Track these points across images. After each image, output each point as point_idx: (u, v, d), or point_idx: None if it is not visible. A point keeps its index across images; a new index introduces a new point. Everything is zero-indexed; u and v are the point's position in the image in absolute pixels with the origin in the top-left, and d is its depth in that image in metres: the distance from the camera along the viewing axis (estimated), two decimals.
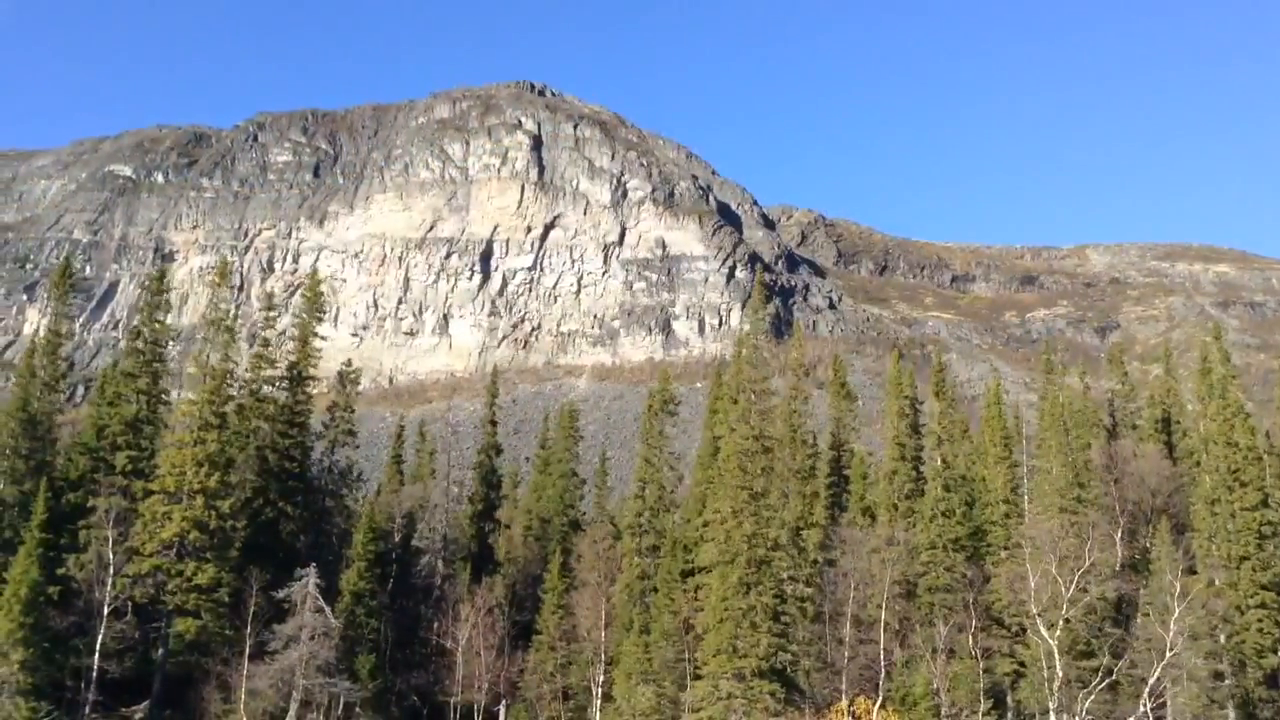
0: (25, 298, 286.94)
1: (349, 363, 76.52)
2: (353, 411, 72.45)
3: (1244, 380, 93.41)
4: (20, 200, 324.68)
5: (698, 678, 57.48)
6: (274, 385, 69.85)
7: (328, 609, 57.63)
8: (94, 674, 53.28)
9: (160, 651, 56.46)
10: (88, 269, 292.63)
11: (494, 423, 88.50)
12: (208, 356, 61.02)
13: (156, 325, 63.06)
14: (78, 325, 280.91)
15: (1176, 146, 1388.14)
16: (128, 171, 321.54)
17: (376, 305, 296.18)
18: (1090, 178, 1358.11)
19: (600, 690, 68.18)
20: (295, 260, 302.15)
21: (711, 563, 58.89)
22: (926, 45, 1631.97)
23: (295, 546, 66.23)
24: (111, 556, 54.50)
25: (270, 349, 70.79)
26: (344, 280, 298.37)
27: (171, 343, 69.24)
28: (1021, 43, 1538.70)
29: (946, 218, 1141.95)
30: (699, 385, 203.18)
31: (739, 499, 57.46)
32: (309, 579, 57.08)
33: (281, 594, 57.35)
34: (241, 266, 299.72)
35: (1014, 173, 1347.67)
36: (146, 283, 65.73)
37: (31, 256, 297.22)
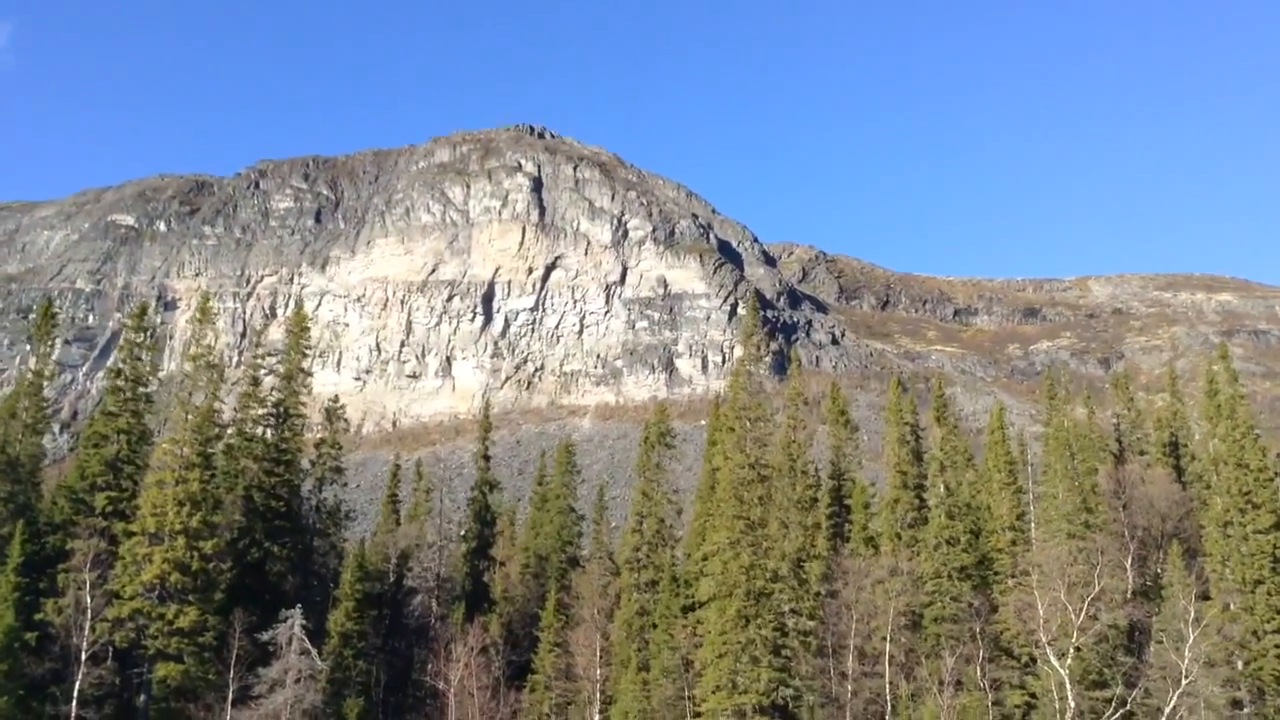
0: (28, 348, 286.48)
1: (336, 399, 75.35)
2: (339, 448, 71.20)
3: (1249, 408, 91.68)
4: (23, 251, 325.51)
5: (697, 715, 55.77)
6: (262, 425, 68.71)
7: (313, 651, 56.07)
8: None
9: (142, 698, 54.92)
10: (90, 318, 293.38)
11: (487, 457, 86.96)
12: (190, 394, 59.77)
13: (138, 363, 61.90)
14: (81, 374, 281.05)
15: (1177, 176, 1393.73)
16: (130, 221, 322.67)
17: (379, 349, 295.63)
18: (1090, 209, 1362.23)
19: None
20: (298, 306, 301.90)
21: (710, 596, 57.33)
22: (924, 81, 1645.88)
23: (282, 588, 64.75)
24: (90, 600, 53.07)
25: (258, 388, 69.77)
26: (346, 325, 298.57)
27: (166, 387, 67.97)
28: (1019, 77, 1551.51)
29: (947, 252, 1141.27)
30: (703, 423, 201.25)
31: (736, 529, 56.06)
32: (294, 620, 55.57)
33: (266, 636, 55.80)
34: (244, 313, 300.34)
35: (1014, 206, 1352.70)
36: (128, 321, 64.83)
37: (34, 307, 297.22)
